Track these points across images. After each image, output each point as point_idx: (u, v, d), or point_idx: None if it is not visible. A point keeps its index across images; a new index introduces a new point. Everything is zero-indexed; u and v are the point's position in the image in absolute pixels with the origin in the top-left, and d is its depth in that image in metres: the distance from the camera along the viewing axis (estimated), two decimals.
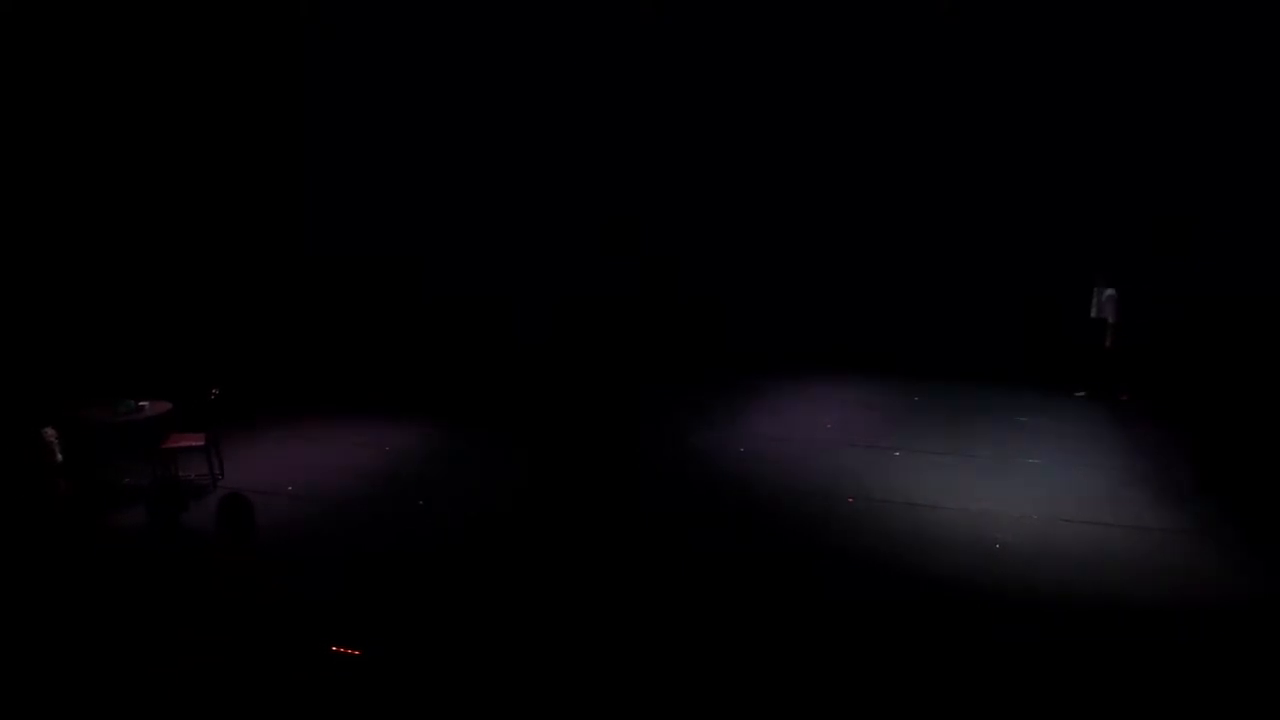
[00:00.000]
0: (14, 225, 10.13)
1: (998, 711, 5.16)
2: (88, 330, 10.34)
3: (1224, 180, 10.88)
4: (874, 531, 7.33)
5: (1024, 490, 8.12)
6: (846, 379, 11.64)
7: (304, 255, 12.89)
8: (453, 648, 5.60)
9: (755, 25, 11.96)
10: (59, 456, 7.16)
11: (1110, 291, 10.15)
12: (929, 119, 11.91)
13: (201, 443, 8.04)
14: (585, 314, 13.13)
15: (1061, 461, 8.84)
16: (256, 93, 12.24)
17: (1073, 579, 6.54)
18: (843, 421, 10.07)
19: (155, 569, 4.94)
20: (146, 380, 8.82)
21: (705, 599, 6.28)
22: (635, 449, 9.29)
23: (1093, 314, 10.33)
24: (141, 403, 8.15)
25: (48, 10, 10.11)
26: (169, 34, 11.18)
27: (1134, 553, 6.95)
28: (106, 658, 4.57)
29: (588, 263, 13.08)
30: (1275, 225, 10.73)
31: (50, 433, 7.16)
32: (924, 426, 9.87)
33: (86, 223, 10.79)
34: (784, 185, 12.62)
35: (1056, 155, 11.48)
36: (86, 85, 10.62)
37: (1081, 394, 10.57)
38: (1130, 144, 11.16)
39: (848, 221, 12.48)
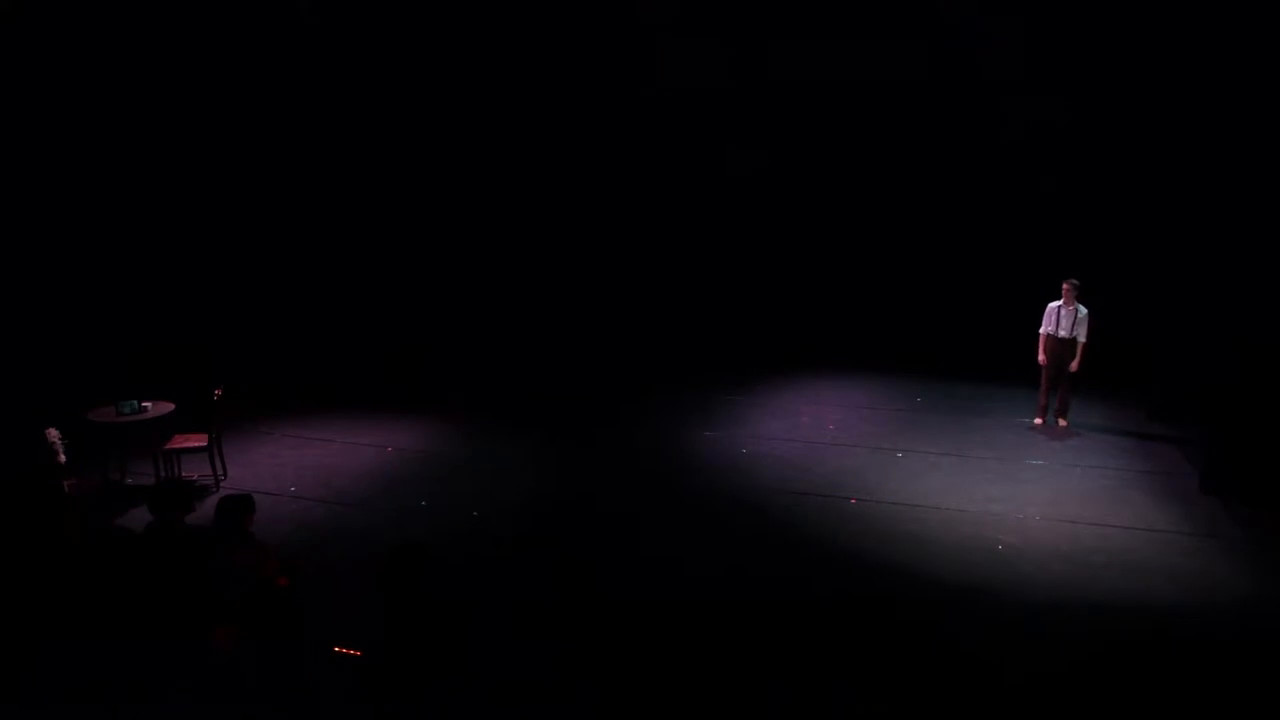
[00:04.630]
0: (16, 226, 10.15)
1: (999, 712, 5.16)
2: (91, 331, 10.36)
3: (1219, 177, 10.81)
4: (877, 532, 7.33)
5: (1026, 491, 8.12)
6: (848, 380, 11.64)
7: (305, 255, 12.89)
8: (453, 647, 5.60)
9: (753, 25, 11.96)
10: (62, 457, 7.19)
11: (1084, 311, 9.46)
12: (929, 119, 11.90)
13: (204, 443, 8.05)
14: (586, 314, 13.13)
15: (1064, 462, 8.84)
16: (258, 92, 12.24)
17: (1075, 580, 6.54)
18: (845, 422, 10.08)
19: (158, 570, 4.95)
20: (150, 381, 8.85)
21: (706, 600, 6.28)
22: (637, 450, 9.30)
23: (1062, 333, 9.51)
24: (145, 403, 8.16)
25: (48, 10, 10.13)
26: (170, 34, 11.19)
27: (1137, 554, 6.95)
28: (108, 657, 4.58)
29: (588, 262, 13.08)
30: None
31: (53, 433, 7.18)
32: (926, 427, 9.87)
33: (89, 223, 10.80)
34: (785, 185, 12.63)
35: (1055, 154, 11.47)
36: (89, 86, 10.64)
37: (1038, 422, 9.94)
38: (1126, 144, 11.14)
39: (849, 222, 12.48)
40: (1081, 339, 9.50)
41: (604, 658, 5.55)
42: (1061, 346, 9.58)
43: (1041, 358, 9.73)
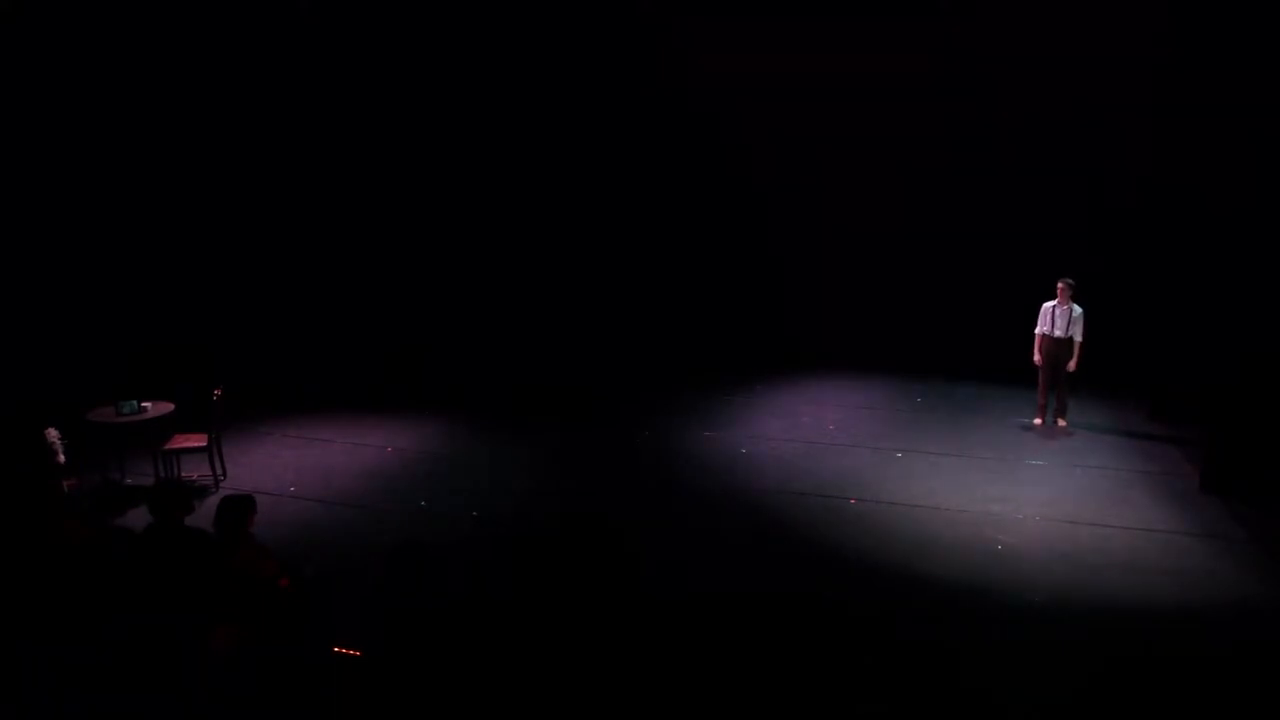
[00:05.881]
0: (16, 225, 10.15)
1: (998, 713, 5.16)
2: (91, 331, 10.35)
3: (1217, 176, 10.79)
4: (876, 532, 7.33)
5: (1026, 491, 8.12)
6: (848, 379, 11.65)
7: (305, 255, 12.89)
8: (453, 648, 5.60)
9: (751, 25, 11.96)
10: (62, 457, 7.18)
11: (1078, 310, 9.46)
12: (930, 117, 11.89)
13: (204, 443, 8.05)
14: (585, 314, 13.13)
15: (1064, 462, 8.84)
16: (258, 91, 12.24)
17: (1075, 580, 6.54)
18: (845, 422, 10.08)
19: (158, 570, 4.95)
20: (149, 381, 8.85)
21: (706, 600, 6.28)
22: (636, 449, 9.30)
23: (1057, 333, 9.53)
24: (144, 403, 8.16)
25: (48, 10, 10.13)
26: (170, 33, 11.19)
27: (1137, 554, 6.95)
28: (108, 658, 4.58)
29: (587, 262, 13.08)
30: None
31: (53, 433, 7.18)
32: (926, 427, 9.88)
33: (89, 223, 10.80)
34: (784, 184, 12.62)
35: (1056, 153, 11.46)
36: (88, 86, 10.64)
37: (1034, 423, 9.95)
38: (1125, 142, 11.14)
39: (849, 221, 12.47)
40: (1078, 338, 9.50)
41: (603, 657, 5.56)
42: (1057, 346, 9.58)
43: (1037, 358, 9.74)
